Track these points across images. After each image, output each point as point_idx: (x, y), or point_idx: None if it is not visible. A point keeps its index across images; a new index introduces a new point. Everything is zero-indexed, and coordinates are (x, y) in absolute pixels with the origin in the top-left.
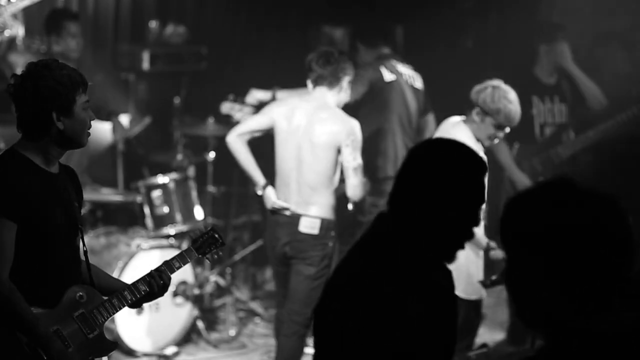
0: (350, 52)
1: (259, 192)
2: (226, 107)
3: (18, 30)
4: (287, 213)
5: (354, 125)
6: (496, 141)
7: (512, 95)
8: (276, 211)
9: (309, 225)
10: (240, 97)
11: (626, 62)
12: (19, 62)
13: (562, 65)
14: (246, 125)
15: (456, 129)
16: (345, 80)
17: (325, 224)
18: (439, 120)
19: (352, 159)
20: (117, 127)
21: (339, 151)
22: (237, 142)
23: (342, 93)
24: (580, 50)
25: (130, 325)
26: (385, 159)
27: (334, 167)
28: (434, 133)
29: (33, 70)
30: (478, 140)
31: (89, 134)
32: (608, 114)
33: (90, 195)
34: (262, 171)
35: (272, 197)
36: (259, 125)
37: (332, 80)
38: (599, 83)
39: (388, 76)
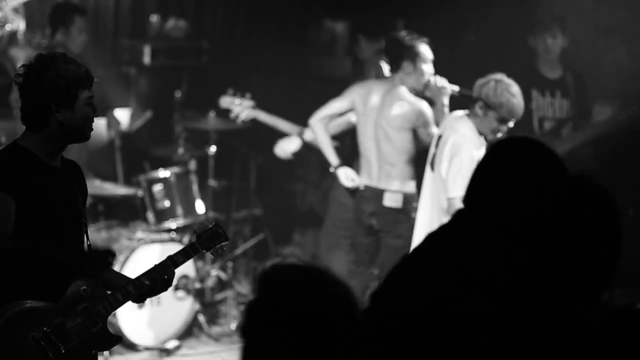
0: (350, 45)
1: (332, 171)
2: (225, 102)
3: (19, 24)
4: (362, 187)
5: (422, 106)
6: (499, 135)
7: (515, 88)
8: (352, 189)
9: (392, 199)
10: (239, 91)
11: (627, 55)
12: (20, 56)
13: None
14: (328, 109)
15: (459, 123)
16: (405, 64)
17: (407, 197)
18: None
19: (427, 136)
20: (111, 122)
21: (413, 131)
22: (317, 125)
23: (409, 77)
24: (581, 43)
25: (131, 319)
26: None
27: (409, 144)
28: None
29: (39, 61)
30: (481, 134)
31: (92, 129)
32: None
33: (92, 189)
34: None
35: (342, 178)
36: (340, 109)
37: (394, 66)
38: (600, 77)
39: (388, 72)
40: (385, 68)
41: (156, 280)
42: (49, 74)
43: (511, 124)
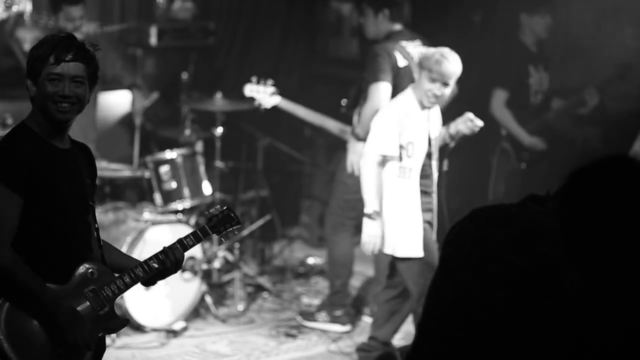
0: (358, 25)
1: None
2: (250, 90)
3: (26, 5)
4: None
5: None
6: (433, 100)
7: (450, 54)
8: None
9: None
10: (262, 79)
11: (633, 36)
12: (27, 38)
13: None
14: None
15: (402, 94)
16: None
17: None
18: None
19: None
20: (136, 98)
21: None
22: None
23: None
24: (587, 24)
25: (138, 300)
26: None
27: None
28: None
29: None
30: (420, 102)
31: (60, 110)
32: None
33: (98, 170)
34: None
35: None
36: None
37: None
38: (606, 58)
39: (402, 62)
40: (400, 58)
41: (165, 263)
42: (30, 51)
43: (446, 90)
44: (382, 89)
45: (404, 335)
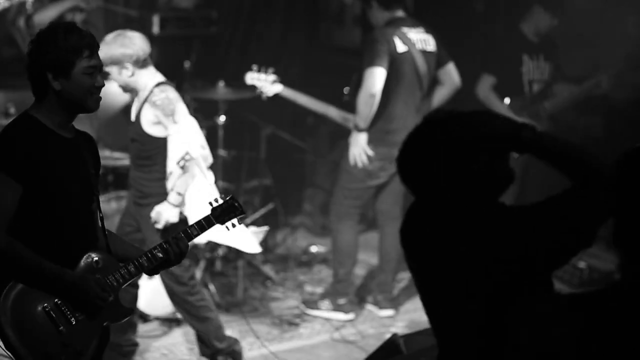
0: (362, 10)
1: None
2: (250, 78)
3: None
4: None
5: None
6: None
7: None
8: None
9: None
10: (263, 68)
11: (637, 25)
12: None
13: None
14: None
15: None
16: None
17: None
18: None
19: None
20: None
21: None
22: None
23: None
24: (591, 12)
25: (142, 289)
26: (393, 124)
27: None
28: (455, 81)
29: (42, 31)
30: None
31: (97, 100)
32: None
33: (101, 159)
34: None
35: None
36: None
37: None
38: (610, 45)
39: (401, 47)
40: (399, 43)
41: (169, 253)
42: (47, 43)
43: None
44: (376, 74)
45: (408, 323)
